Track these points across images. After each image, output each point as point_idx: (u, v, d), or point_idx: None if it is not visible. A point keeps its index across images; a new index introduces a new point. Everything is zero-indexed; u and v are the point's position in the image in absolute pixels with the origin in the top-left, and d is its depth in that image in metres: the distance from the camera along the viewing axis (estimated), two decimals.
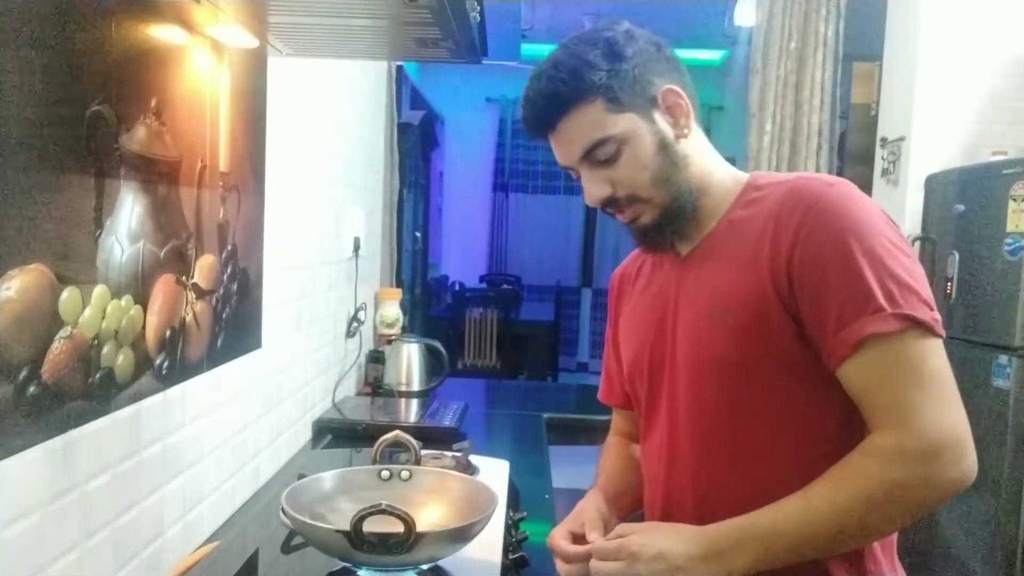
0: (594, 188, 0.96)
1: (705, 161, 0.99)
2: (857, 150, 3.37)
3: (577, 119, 0.93)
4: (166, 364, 1.05)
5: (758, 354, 0.90)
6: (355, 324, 2.13)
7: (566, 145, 0.96)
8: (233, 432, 1.33)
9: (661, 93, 0.94)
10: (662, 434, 1.00)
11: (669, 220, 0.96)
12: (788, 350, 0.88)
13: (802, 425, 0.90)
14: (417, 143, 3.77)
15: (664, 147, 0.94)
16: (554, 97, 0.93)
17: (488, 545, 1.07)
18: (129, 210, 0.94)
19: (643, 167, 0.94)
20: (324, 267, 1.88)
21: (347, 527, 0.88)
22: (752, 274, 0.91)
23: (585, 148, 0.94)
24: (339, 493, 1.07)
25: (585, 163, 0.95)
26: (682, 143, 0.96)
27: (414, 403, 2.08)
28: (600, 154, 0.93)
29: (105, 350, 0.90)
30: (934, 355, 0.83)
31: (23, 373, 0.76)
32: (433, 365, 2.23)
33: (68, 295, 0.82)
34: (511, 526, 1.21)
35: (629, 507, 1.09)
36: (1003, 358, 2.28)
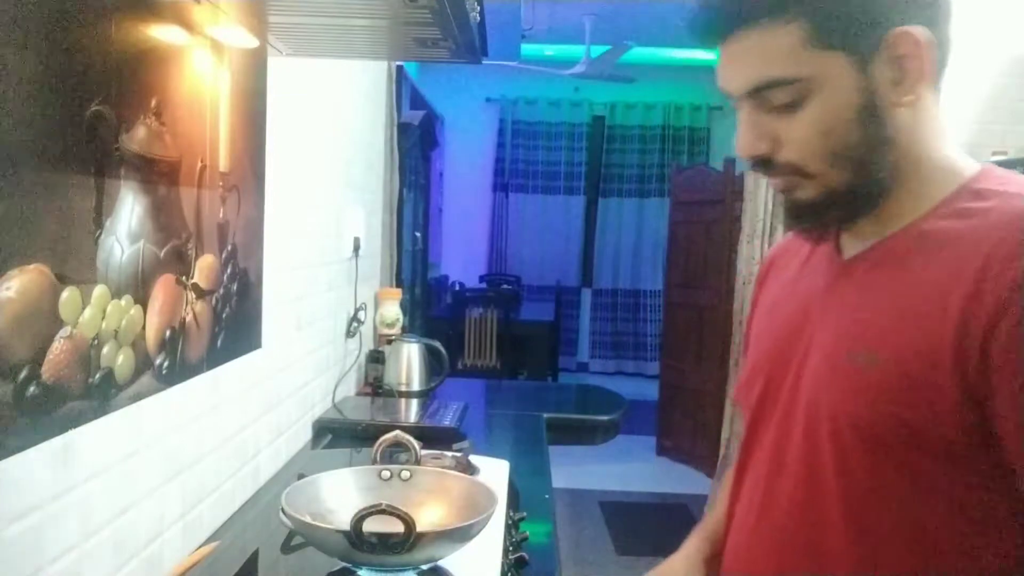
0: (748, 138, 0.73)
1: (920, 141, 0.72)
2: None
3: (761, 39, 0.69)
4: (166, 364, 1.05)
5: (899, 430, 0.66)
6: (355, 324, 2.13)
7: (734, 67, 0.72)
8: (233, 432, 1.33)
9: (892, 36, 0.68)
10: (758, 477, 0.81)
11: (834, 203, 0.73)
12: (948, 441, 0.64)
13: (938, 530, 0.67)
14: (417, 143, 3.77)
15: (869, 113, 0.69)
16: None
17: (488, 545, 1.07)
18: (129, 210, 0.94)
19: (825, 133, 0.69)
20: (324, 267, 1.88)
21: (347, 527, 0.88)
22: (928, 323, 0.65)
23: (757, 82, 0.70)
24: (339, 493, 1.07)
25: (749, 101, 0.72)
26: (899, 113, 0.70)
27: (414, 403, 2.08)
28: (775, 97, 0.70)
29: (105, 350, 0.90)
30: None
31: (23, 373, 0.76)
32: (433, 365, 2.23)
33: (68, 295, 0.82)
34: (511, 526, 1.21)
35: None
36: None
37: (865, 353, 0.69)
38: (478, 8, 1.18)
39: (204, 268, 1.16)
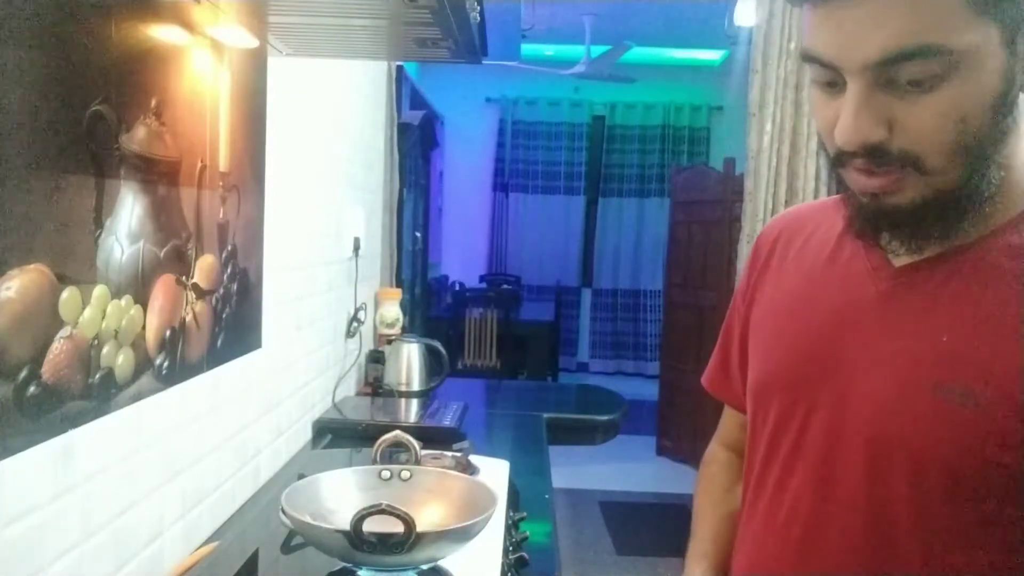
0: (864, 120, 0.58)
1: (1020, 138, 0.62)
2: None
3: None
4: (166, 364, 1.05)
5: (1004, 480, 0.58)
6: (355, 324, 2.13)
7: (863, 26, 0.57)
8: (233, 432, 1.33)
9: None
10: (796, 507, 0.71)
11: (940, 208, 0.61)
12: None
13: None
14: (417, 143, 3.77)
15: (1005, 100, 0.58)
16: None
17: (488, 545, 1.07)
18: (129, 210, 0.94)
19: (960, 120, 0.57)
20: (324, 267, 1.88)
21: (347, 527, 0.88)
22: None
23: (897, 52, 0.56)
24: (339, 493, 1.07)
25: (873, 74, 0.58)
26: (1021, 99, 0.60)
27: (414, 403, 2.08)
28: (909, 71, 0.56)
29: (105, 350, 0.90)
30: None
31: (23, 373, 0.76)
32: (433, 365, 2.23)
33: (68, 295, 0.82)
34: (511, 526, 1.20)
35: None
36: None
37: (960, 389, 0.59)
38: (478, 8, 1.18)
39: (204, 268, 1.16)
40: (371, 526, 0.88)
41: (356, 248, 2.13)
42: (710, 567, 0.82)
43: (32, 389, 0.77)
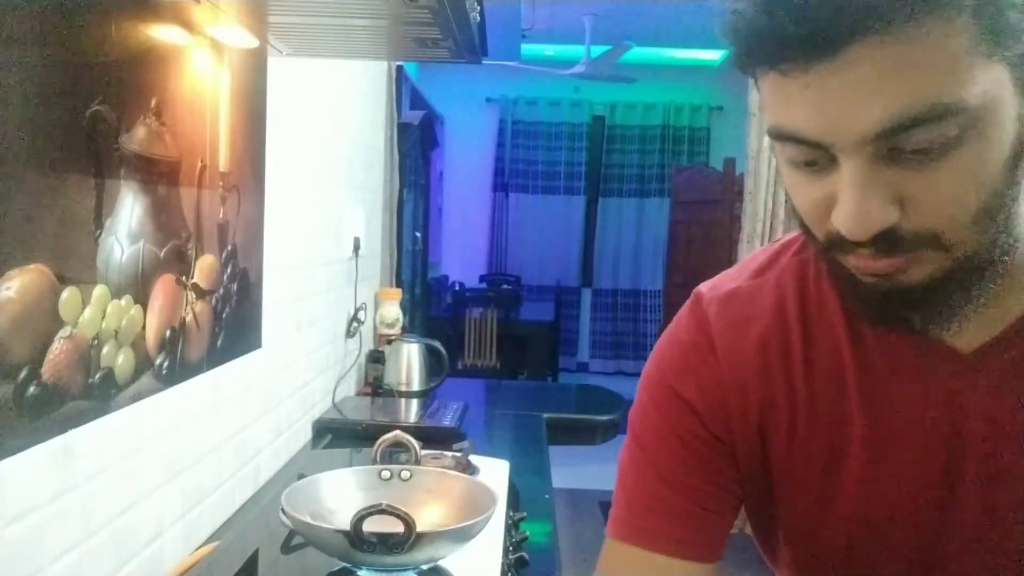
0: (871, 206, 0.48)
1: None
2: None
3: (909, 48, 0.44)
4: (166, 364, 1.05)
5: None
6: (355, 324, 2.13)
7: (852, 97, 0.46)
8: (233, 432, 1.33)
9: None
10: None
11: (963, 278, 0.52)
12: None
13: None
14: (417, 143, 3.77)
15: (1020, 149, 0.49)
16: None
17: (488, 545, 1.07)
18: (129, 210, 0.94)
19: (979, 184, 0.48)
20: (324, 267, 1.88)
21: (347, 527, 0.88)
22: None
23: (900, 118, 0.46)
24: (339, 493, 1.07)
25: (872, 149, 0.47)
26: None
27: (414, 403, 2.08)
28: (919, 140, 0.46)
29: (105, 350, 0.90)
30: None
31: (23, 373, 0.76)
32: (433, 365, 2.23)
33: (68, 295, 0.82)
34: (511, 526, 1.21)
35: None
36: None
37: None
38: (478, 8, 1.18)
39: (204, 268, 1.16)
40: (371, 526, 0.88)
41: (356, 248, 2.13)
42: None
43: (32, 389, 0.77)
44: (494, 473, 1.38)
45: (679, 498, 0.68)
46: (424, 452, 1.22)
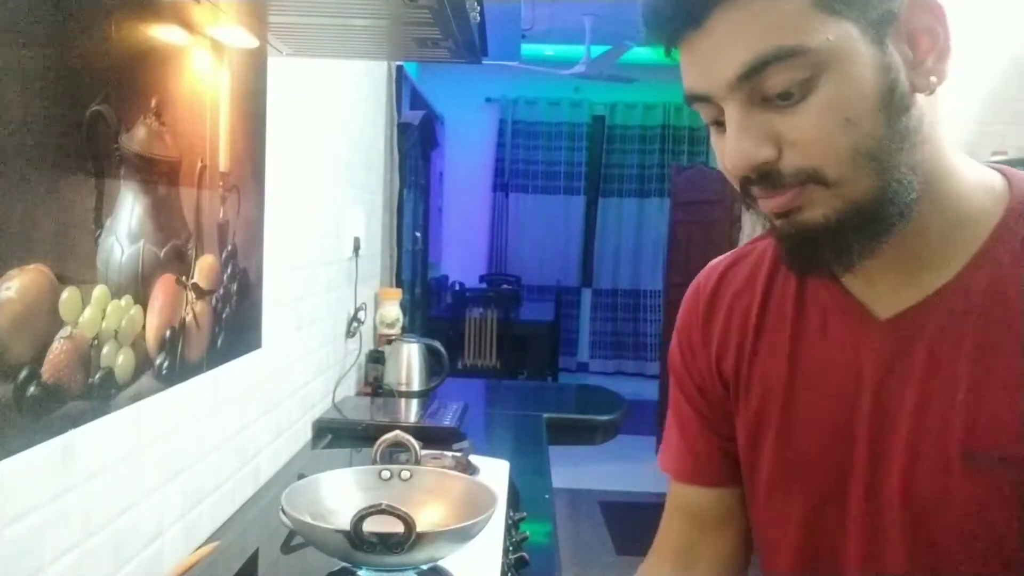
0: (746, 142, 0.57)
1: (943, 140, 0.60)
2: None
3: (756, 6, 0.54)
4: (166, 364, 1.05)
5: None
6: (355, 324, 2.13)
7: (717, 52, 0.56)
8: (233, 432, 1.33)
9: (908, 3, 0.56)
10: None
11: (857, 225, 0.57)
12: None
13: None
14: (417, 143, 3.77)
15: (892, 97, 0.56)
16: None
17: (488, 545, 1.07)
18: (129, 210, 0.94)
19: (845, 122, 0.55)
20: (324, 267, 1.88)
21: (347, 527, 0.88)
22: None
23: (756, 61, 0.55)
24: (339, 493, 1.07)
25: (741, 93, 0.56)
26: (919, 101, 0.58)
27: (414, 403, 2.08)
28: (776, 81, 0.55)
29: (105, 350, 0.90)
30: None
31: (23, 373, 0.76)
32: (433, 365, 2.23)
33: (68, 295, 0.82)
34: (511, 526, 1.21)
35: None
36: None
37: (989, 453, 0.56)
38: (478, 8, 1.18)
39: (204, 268, 1.16)
40: (371, 526, 0.88)
41: (356, 248, 2.13)
42: None
43: (32, 389, 0.77)
44: (494, 473, 1.38)
45: (683, 439, 0.82)
46: (424, 452, 1.22)
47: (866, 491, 0.63)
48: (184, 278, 1.10)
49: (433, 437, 1.64)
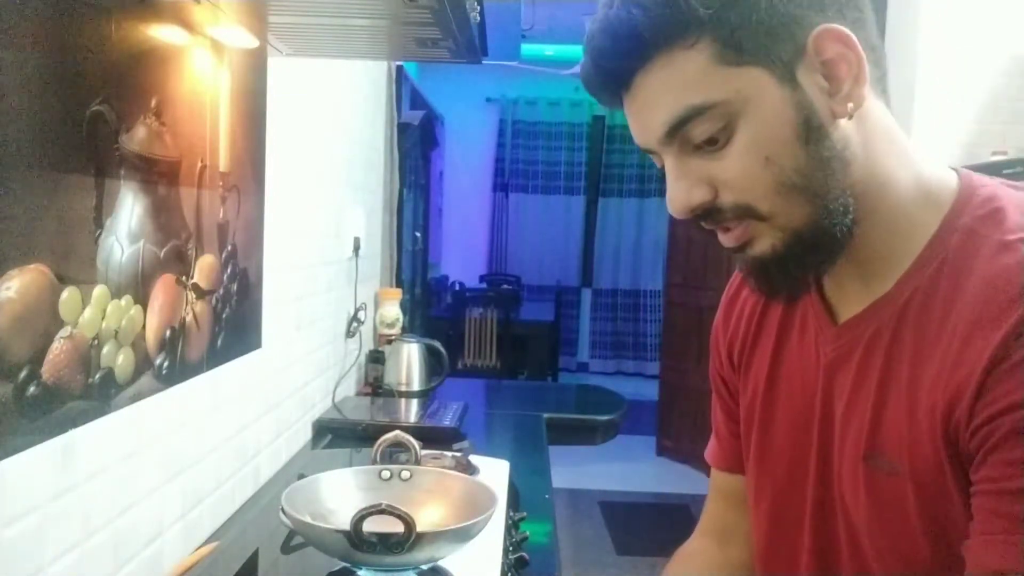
0: (681, 189, 0.62)
1: (878, 158, 0.62)
2: None
3: (665, 72, 0.59)
4: (166, 364, 1.05)
5: (938, 549, 0.58)
6: (355, 324, 2.13)
7: (644, 113, 0.62)
8: (233, 432, 1.33)
9: (814, 39, 0.59)
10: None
11: (803, 248, 0.62)
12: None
13: None
14: (417, 143, 3.77)
15: (810, 129, 0.59)
16: (631, 36, 0.59)
17: (488, 545, 1.07)
18: (129, 210, 0.94)
19: (765, 161, 0.59)
20: (324, 267, 1.88)
21: (347, 527, 0.88)
22: (926, 419, 0.58)
23: (673, 121, 0.60)
24: (339, 493, 1.07)
25: (671, 145, 0.62)
26: (841, 125, 0.60)
27: (414, 403, 2.08)
28: (697, 132, 0.60)
29: (105, 350, 0.90)
30: None
31: (23, 373, 0.76)
32: (433, 365, 2.23)
33: (68, 295, 0.82)
34: (511, 526, 1.21)
35: None
36: None
37: (883, 458, 0.60)
38: (478, 8, 1.18)
39: (204, 268, 1.16)
40: (371, 526, 0.88)
41: (356, 248, 2.13)
42: None
43: (32, 389, 0.77)
44: (494, 473, 1.38)
45: (715, 429, 0.89)
46: (424, 452, 1.22)
47: (815, 489, 0.68)
48: (184, 278, 1.10)
49: (433, 437, 1.64)
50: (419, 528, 0.88)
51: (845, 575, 0.66)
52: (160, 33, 0.99)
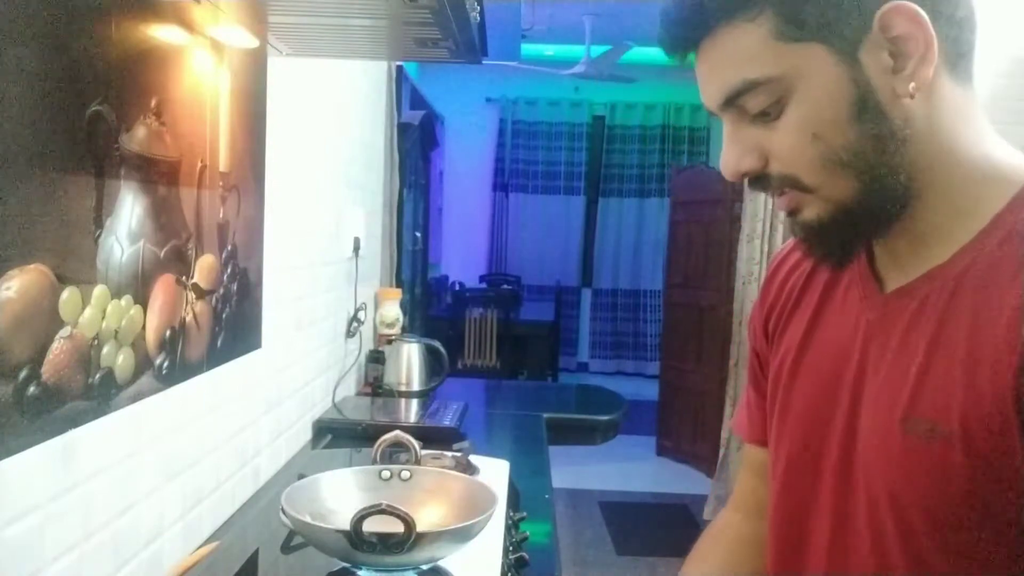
0: (733, 154, 0.65)
1: (949, 136, 0.62)
2: None
3: (728, 42, 0.62)
4: (166, 364, 1.05)
5: (978, 512, 0.57)
6: (355, 324, 2.13)
7: (706, 80, 0.65)
8: (233, 432, 1.33)
9: (881, 15, 0.58)
10: (818, 549, 0.70)
11: (849, 219, 0.63)
12: None
13: None
14: (417, 143, 3.77)
15: (866, 108, 0.59)
16: (695, 5, 0.62)
17: (488, 545, 1.07)
18: (129, 210, 0.94)
19: (813, 137, 0.61)
20: (324, 267, 1.88)
21: (347, 527, 0.88)
22: (984, 378, 0.56)
23: (729, 90, 0.63)
24: (339, 493, 1.07)
25: (728, 113, 0.65)
26: (906, 104, 0.60)
27: (414, 403, 2.08)
28: (751, 104, 0.62)
29: (105, 350, 0.90)
30: None
31: (23, 373, 0.76)
32: (433, 365, 2.23)
33: (68, 295, 0.82)
34: (511, 526, 1.21)
35: None
36: None
37: (924, 422, 0.59)
38: (478, 8, 1.18)
39: (204, 268, 1.16)
40: (371, 526, 0.88)
41: (356, 248, 2.13)
42: None
43: (32, 389, 0.77)
44: (494, 473, 1.38)
45: (746, 403, 0.86)
46: (424, 452, 1.22)
47: (842, 446, 0.67)
48: (184, 278, 1.10)
49: (433, 437, 1.64)
50: (419, 528, 0.88)
51: (861, 540, 0.65)
52: (160, 33, 0.99)
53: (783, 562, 0.74)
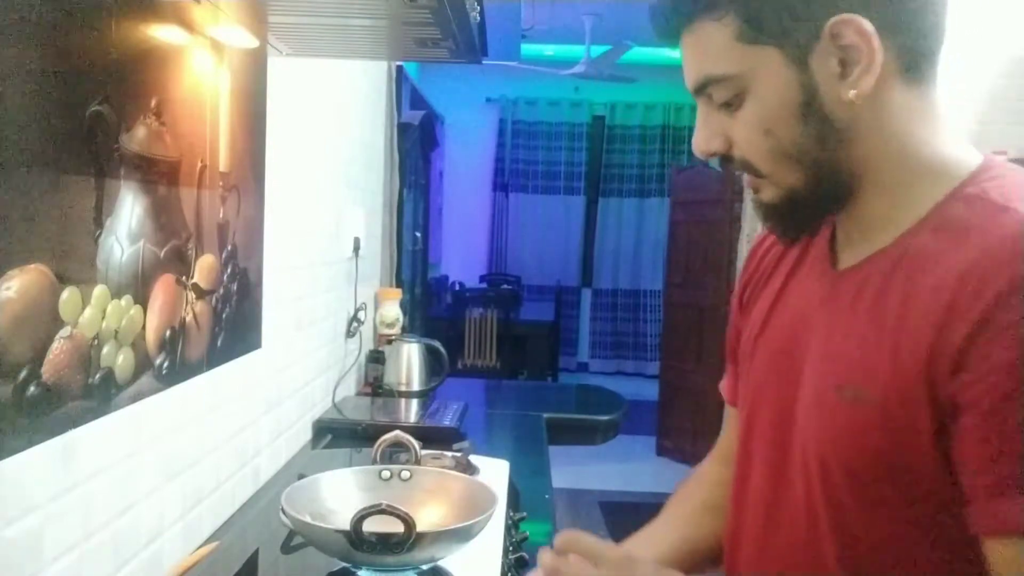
0: (702, 135, 0.72)
1: (896, 136, 0.67)
2: None
3: (699, 37, 0.69)
4: (166, 364, 1.05)
5: (888, 472, 0.64)
6: (355, 324, 2.13)
7: (685, 67, 0.72)
8: (233, 432, 1.33)
9: (831, 25, 0.64)
10: (756, 504, 0.78)
11: (798, 204, 0.71)
12: (935, 483, 0.62)
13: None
14: (417, 143, 3.77)
15: (811, 109, 0.66)
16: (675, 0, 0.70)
17: (488, 545, 1.07)
18: (129, 210, 0.94)
19: (766, 131, 0.68)
20: (324, 267, 1.88)
21: (347, 527, 0.88)
22: (905, 356, 0.62)
23: (697, 80, 0.70)
24: (339, 493, 1.07)
25: (701, 98, 0.72)
26: (850, 108, 0.65)
27: (414, 403, 2.08)
28: (716, 95, 0.69)
29: (105, 350, 0.90)
30: None
31: (23, 373, 0.76)
32: (433, 365, 2.23)
33: (68, 295, 0.82)
34: (511, 526, 1.21)
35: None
36: None
37: (852, 388, 0.65)
38: (478, 8, 1.18)
39: (204, 268, 1.16)
40: (371, 526, 0.88)
41: (356, 248, 2.13)
42: (681, 542, 0.94)
43: (32, 389, 0.77)
44: (494, 473, 1.39)
45: (729, 365, 0.92)
46: (424, 452, 1.22)
47: (782, 409, 0.74)
48: (184, 278, 1.10)
49: (433, 437, 1.64)
50: (419, 528, 0.89)
51: (794, 493, 0.72)
52: (160, 33, 0.99)
53: (736, 512, 0.83)
